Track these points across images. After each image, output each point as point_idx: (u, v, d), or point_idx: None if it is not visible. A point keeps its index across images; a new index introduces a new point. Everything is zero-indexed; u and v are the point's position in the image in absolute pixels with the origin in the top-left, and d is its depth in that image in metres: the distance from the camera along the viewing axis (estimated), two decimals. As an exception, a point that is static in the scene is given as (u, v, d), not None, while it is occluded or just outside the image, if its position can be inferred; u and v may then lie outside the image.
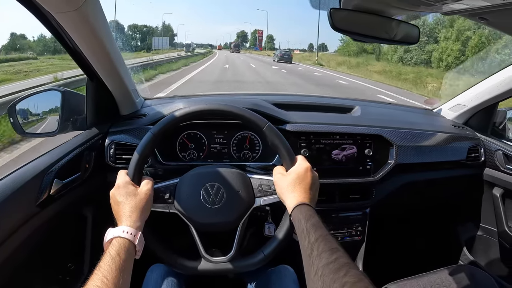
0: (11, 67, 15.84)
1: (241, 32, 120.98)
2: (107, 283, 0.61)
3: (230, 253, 0.90)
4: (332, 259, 0.60)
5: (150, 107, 1.32)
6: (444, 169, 1.41)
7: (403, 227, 1.77)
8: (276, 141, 0.89)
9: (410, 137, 1.31)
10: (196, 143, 1.19)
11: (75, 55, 0.97)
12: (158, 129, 0.88)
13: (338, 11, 0.83)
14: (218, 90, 9.66)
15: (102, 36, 0.91)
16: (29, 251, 0.87)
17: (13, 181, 0.83)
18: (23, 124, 1.04)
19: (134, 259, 0.74)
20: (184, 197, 0.89)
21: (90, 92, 1.11)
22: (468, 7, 0.72)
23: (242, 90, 12.18)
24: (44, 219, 0.89)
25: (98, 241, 1.12)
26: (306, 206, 0.77)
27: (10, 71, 14.26)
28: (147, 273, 1.00)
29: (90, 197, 1.10)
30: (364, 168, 1.26)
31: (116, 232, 0.74)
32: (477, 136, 1.48)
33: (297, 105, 1.43)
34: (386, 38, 0.90)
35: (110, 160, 1.12)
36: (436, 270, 1.22)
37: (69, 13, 0.77)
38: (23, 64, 17.68)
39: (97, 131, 1.13)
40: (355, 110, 1.45)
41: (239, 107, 0.92)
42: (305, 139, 1.22)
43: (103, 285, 0.61)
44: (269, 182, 0.91)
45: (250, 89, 12.01)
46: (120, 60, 1.05)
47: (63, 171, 0.95)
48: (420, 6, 0.79)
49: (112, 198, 0.82)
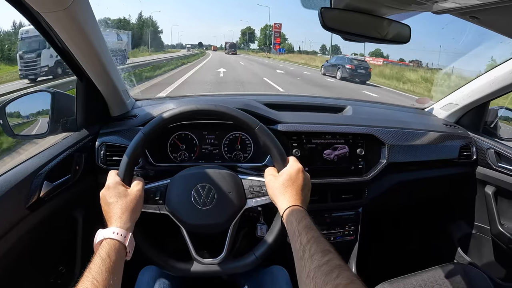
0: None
1: (247, 29, 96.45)
2: (97, 285, 0.61)
3: (222, 254, 0.90)
4: (324, 261, 0.60)
5: (140, 108, 1.31)
6: (436, 167, 1.42)
7: (396, 226, 1.78)
8: (268, 142, 0.89)
9: (402, 136, 1.32)
10: (187, 144, 1.19)
11: (64, 55, 0.96)
12: (149, 129, 0.88)
13: (329, 10, 0.83)
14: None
15: (92, 36, 0.90)
16: (19, 255, 0.86)
17: (1, 184, 0.82)
18: (13, 126, 1.03)
19: (125, 260, 0.74)
20: (175, 198, 0.89)
21: (80, 93, 1.10)
22: (459, 6, 0.73)
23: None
24: (34, 222, 0.89)
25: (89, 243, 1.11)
26: (297, 208, 0.77)
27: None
28: (138, 275, 1.00)
29: (80, 199, 1.09)
30: (356, 167, 1.27)
31: (106, 233, 0.73)
32: (469, 135, 1.50)
33: (289, 105, 1.43)
34: (377, 37, 0.90)
35: (100, 162, 1.11)
36: (430, 268, 1.24)
37: (57, 12, 0.76)
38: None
39: (87, 133, 1.12)
40: (347, 109, 1.46)
41: (231, 107, 0.92)
42: (296, 139, 1.22)
43: (93, 287, 0.60)
44: (261, 183, 0.91)
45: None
46: (110, 60, 1.05)
47: (53, 173, 0.95)
48: (411, 5, 0.80)
49: (102, 199, 0.82)
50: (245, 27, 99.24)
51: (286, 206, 0.78)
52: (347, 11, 0.84)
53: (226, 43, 68.44)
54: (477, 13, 0.75)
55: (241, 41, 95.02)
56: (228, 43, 65.22)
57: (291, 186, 0.82)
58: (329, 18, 0.82)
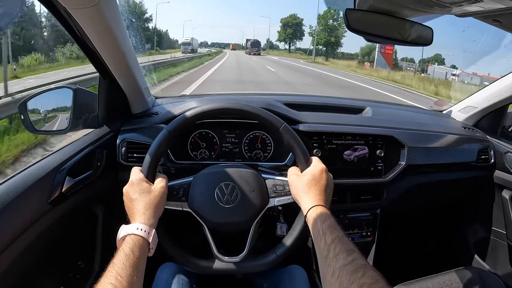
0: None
1: (291, 17, 62.69)
2: (121, 281, 0.62)
3: (243, 253, 0.91)
4: (349, 260, 0.62)
5: (161, 105, 1.33)
6: (453, 170, 1.43)
7: (412, 228, 1.79)
8: (292, 142, 0.91)
9: (421, 138, 1.33)
10: (207, 142, 1.21)
11: (89, 52, 0.98)
12: (173, 127, 0.89)
13: (353, 11, 0.86)
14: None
15: (117, 34, 0.92)
16: (40, 248, 0.88)
17: (24, 179, 0.84)
18: (34, 122, 1.06)
19: (147, 256, 0.75)
20: (198, 196, 0.91)
21: (102, 90, 1.13)
22: (482, 9, 0.74)
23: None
24: (55, 216, 0.91)
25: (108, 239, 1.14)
26: (321, 207, 0.79)
27: None
28: (157, 272, 1.01)
29: (101, 195, 1.12)
30: (376, 169, 1.28)
31: (130, 229, 0.74)
32: (487, 138, 1.51)
33: (308, 105, 1.45)
34: (399, 39, 0.92)
35: (121, 159, 1.13)
36: (445, 272, 1.25)
37: (85, 9, 0.78)
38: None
39: (108, 129, 1.15)
40: (366, 111, 1.47)
41: (256, 107, 0.94)
42: (317, 139, 1.24)
43: (117, 282, 0.61)
44: (284, 183, 0.92)
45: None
46: (133, 58, 1.07)
47: (75, 169, 0.97)
48: (433, 7, 0.81)
49: (125, 195, 0.83)
50: (289, 15, 63.62)
51: (310, 205, 0.80)
52: (371, 12, 0.86)
53: (247, 41, 53.53)
54: (499, 17, 0.77)
55: (281, 36, 64.83)
56: (250, 40, 51.49)
57: (314, 186, 0.83)
58: (354, 19, 0.84)
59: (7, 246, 0.75)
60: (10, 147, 4.17)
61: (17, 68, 11.18)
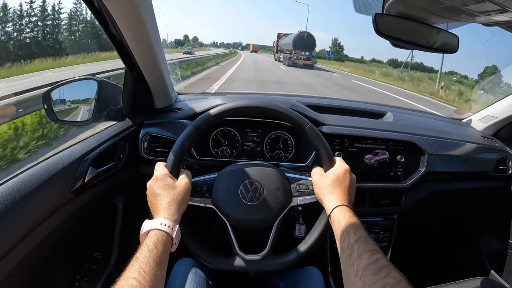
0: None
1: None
2: (144, 276, 0.63)
3: (264, 250, 0.93)
4: (372, 260, 0.65)
5: (183, 102, 1.38)
6: (471, 179, 1.46)
7: (427, 236, 1.82)
8: (317, 142, 0.94)
9: (441, 146, 1.36)
10: (229, 140, 1.25)
11: (118, 44, 1.02)
12: (200, 123, 0.92)
13: (382, 16, 0.89)
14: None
15: (148, 27, 0.96)
16: (60, 237, 0.92)
17: (49, 167, 0.88)
18: (57, 112, 1.10)
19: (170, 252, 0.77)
20: (222, 193, 0.93)
21: (127, 84, 1.17)
22: (509, 19, 0.78)
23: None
24: (77, 206, 0.94)
25: (126, 232, 1.18)
26: (345, 207, 0.82)
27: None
28: (174, 267, 1.03)
29: (121, 187, 1.16)
30: (395, 174, 1.32)
31: (154, 224, 0.76)
32: (506, 149, 1.53)
33: (330, 107, 1.49)
34: (425, 45, 0.95)
35: (144, 152, 1.17)
36: (458, 281, 1.26)
37: (119, 0, 0.82)
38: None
39: (131, 123, 1.19)
40: (387, 116, 1.51)
41: (282, 106, 0.97)
42: (339, 142, 1.27)
43: (140, 277, 0.62)
44: (307, 182, 0.96)
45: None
46: (161, 52, 1.11)
47: (98, 160, 1.01)
48: (461, 15, 0.85)
49: (149, 189, 0.85)
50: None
51: (334, 205, 0.83)
52: (399, 17, 0.90)
53: (280, 37, 35.16)
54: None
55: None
56: (293, 35, 29.43)
57: (338, 186, 0.86)
58: (382, 24, 0.87)
59: (30, 232, 0.78)
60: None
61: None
